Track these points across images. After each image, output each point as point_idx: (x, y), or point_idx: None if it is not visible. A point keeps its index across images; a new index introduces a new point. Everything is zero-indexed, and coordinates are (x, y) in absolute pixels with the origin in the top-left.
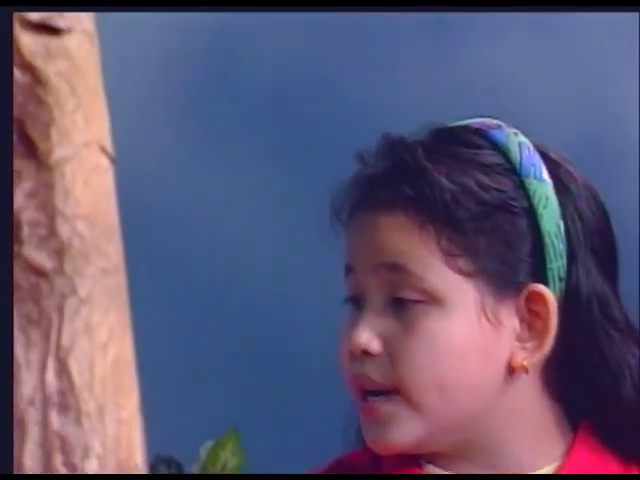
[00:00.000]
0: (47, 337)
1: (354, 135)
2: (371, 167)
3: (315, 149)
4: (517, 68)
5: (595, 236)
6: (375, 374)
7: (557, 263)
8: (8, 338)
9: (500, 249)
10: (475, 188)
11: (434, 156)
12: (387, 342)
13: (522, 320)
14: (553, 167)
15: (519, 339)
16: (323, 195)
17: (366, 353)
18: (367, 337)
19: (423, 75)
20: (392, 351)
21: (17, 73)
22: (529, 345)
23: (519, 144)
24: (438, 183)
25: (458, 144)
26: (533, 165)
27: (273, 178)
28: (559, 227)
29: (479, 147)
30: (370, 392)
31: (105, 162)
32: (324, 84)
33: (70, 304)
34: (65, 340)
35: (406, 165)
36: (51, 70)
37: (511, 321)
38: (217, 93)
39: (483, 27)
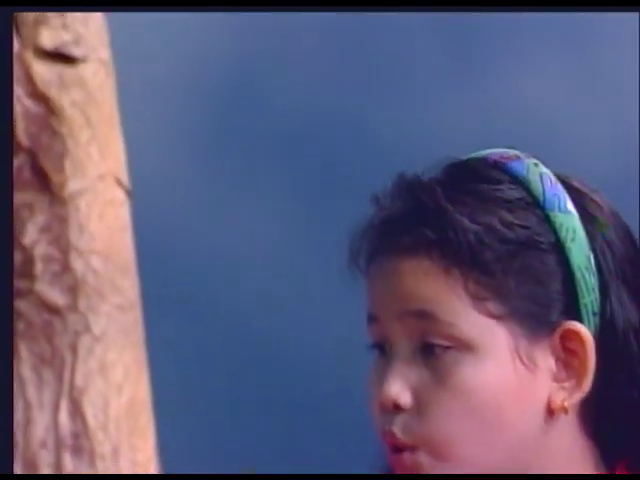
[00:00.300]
0: (60, 377)
1: (377, 171)
2: (387, 209)
3: (337, 184)
4: (541, 90)
5: (625, 265)
6: (403, 432)
7: (590, 297)
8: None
9: (530, 288)
10: (499, 226)
11: (454, 195)
12: (418, 394)
13: (558, 359)
14: (577, 197)
15: (556, 379)
16: (343, 227)
17: (397, 407)
18: (397, 389)
19: (445, 101)
20: (422, 405)
21: (30, 103)
22: (567, 385)
23: (540, 175)
24: (460, 224)
25: (477, 180)
26: (557, 197)
27: (293, 211)
28: (589, 260)
29: (499, 182)
30: (398, 447)
31: (121, 195)
32: (345, 116)
33: (84, 342)
34: (79, 380)
35: (425, 206)
36: (65, 100)
37: (547, 362)
38: (235, 125)
39: (503, 43)
